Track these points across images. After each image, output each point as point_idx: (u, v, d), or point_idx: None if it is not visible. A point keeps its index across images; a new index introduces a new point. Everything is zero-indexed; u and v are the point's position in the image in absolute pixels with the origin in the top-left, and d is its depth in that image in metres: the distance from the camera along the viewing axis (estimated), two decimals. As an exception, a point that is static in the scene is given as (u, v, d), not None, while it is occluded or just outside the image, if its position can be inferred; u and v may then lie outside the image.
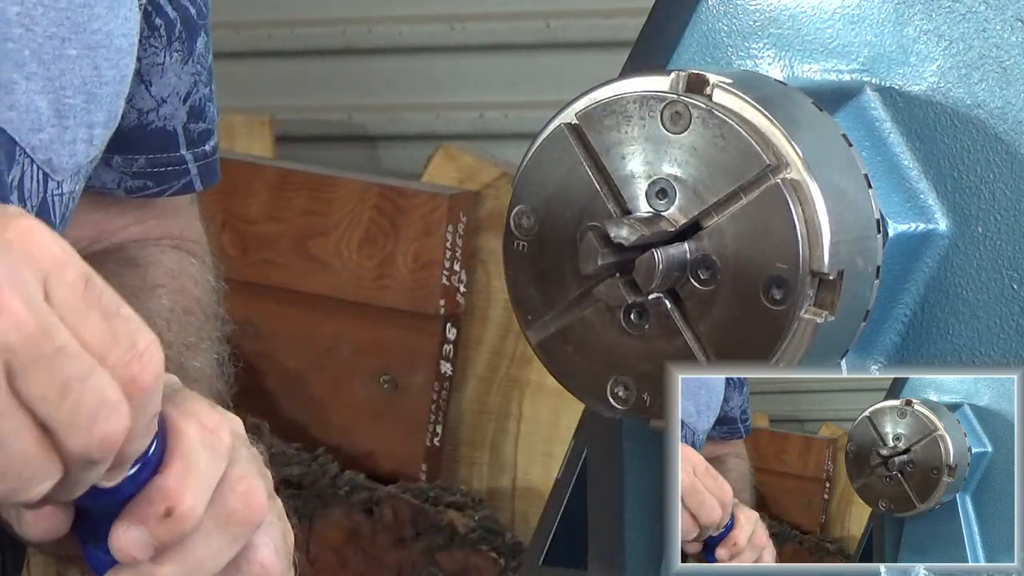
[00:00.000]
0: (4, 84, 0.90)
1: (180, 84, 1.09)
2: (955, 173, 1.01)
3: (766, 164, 0.87)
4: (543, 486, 2.74)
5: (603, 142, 0.91)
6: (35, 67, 0.92)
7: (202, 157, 1.13)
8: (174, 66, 1.08)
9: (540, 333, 0.94)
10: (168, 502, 0.74)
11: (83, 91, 0.95)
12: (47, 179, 0.95)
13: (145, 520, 0.74)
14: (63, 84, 0.94)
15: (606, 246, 0.89)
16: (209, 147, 1.14)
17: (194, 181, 1.13)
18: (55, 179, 0.95)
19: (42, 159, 0.94)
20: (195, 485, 0.75)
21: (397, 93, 3.34)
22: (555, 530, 1.37)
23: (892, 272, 0.98)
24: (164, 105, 1.09)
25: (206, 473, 0.76)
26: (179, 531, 0.75)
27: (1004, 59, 1.00)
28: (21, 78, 0.91)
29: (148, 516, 0.74)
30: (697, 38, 1.06)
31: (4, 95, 0.90)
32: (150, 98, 1.08)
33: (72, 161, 0.96)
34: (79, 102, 0.95)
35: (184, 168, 1.12)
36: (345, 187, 2.97)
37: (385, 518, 2.76)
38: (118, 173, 1.09)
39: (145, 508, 0.74)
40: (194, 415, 0.78)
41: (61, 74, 0.93)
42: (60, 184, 0.96)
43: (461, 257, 2.86)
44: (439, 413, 2.89)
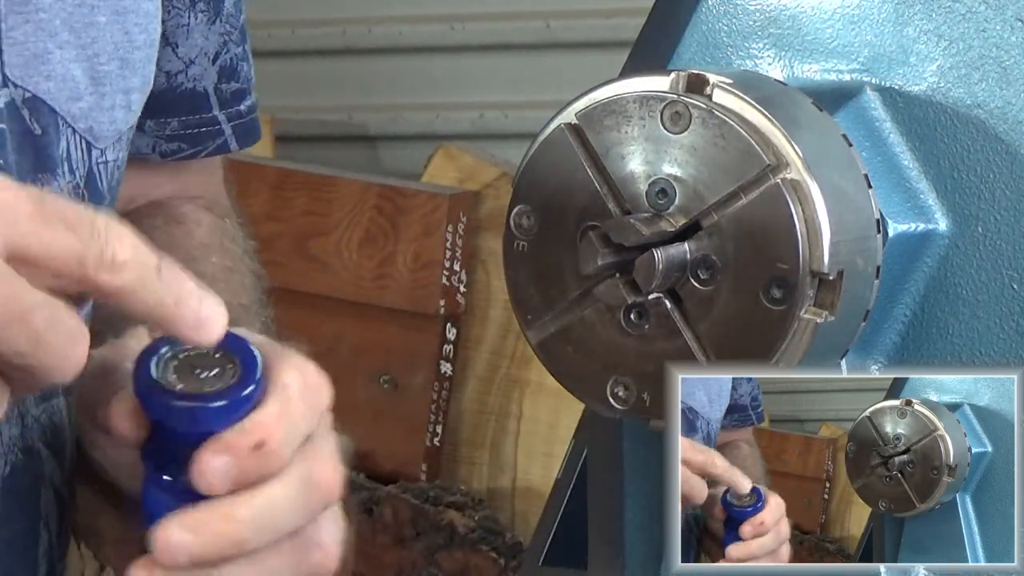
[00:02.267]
0: (39, 55, 0.90)
1: (208, 45, 1.09)
2: (955, 173, 1.01)
3: (766, 164, 0.87)
4: (543, 486, 2.74)
5: (603, 142, 0.91)
6: (67, 35, 0.91)
7: (236, 117, 1.13)
8: (200, 27, 1.08)
9: (540, 333, 0.94)
10: (261, 434, 0.73)
11: (116, 57, 0.95)
12: (90, 148, 0.95)
13: (235, 450, 0.73)
14: (96, 51, 0.94)
15: (606, 246, 0.89)
16: (244, 107, 1.14)
17: (229, 141, 1.13)
18: (98, 147, 0.95)
19: (83, 128, 0.93)
20: (289, 428, 0.75)
21: (397, 93, 3.34)
22: (555, 530, 1.37)
23: (892, 272, 0.98)
24: (192, 66, 1.08)
25: (300, 422, 0.76)
26: (266, 467, 0.74)
27: (1004, 59, 1.00)
28: (55, 47, 0.91)
29: (239, 446, 0.73)
30: (697, 38, 1.06)
31: (40, 65, 0.90)
32: (177, 60, 1.07)
33: (113, 128, 0.96)
34: (114, 68, 0.95)
35: (218, 129, 1.12)
36: (345, 187, 2.97)
37: (385, 518, 2.76)
38: (152, 137, 1.09)
39: (237, 438, 0.73)
40: (298, 368, 0.77)
41: (93, 41, 0.93)
42: (104, 152, 0.96)
43: (461, 257, 2.87)
44: (439, 413, 2.89)
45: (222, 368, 0.74)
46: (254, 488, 0.74)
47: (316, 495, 0.77)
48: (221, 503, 0.73)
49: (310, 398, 0.77)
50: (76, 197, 0.93)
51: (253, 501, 0.74)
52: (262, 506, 0.74)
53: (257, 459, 0.73)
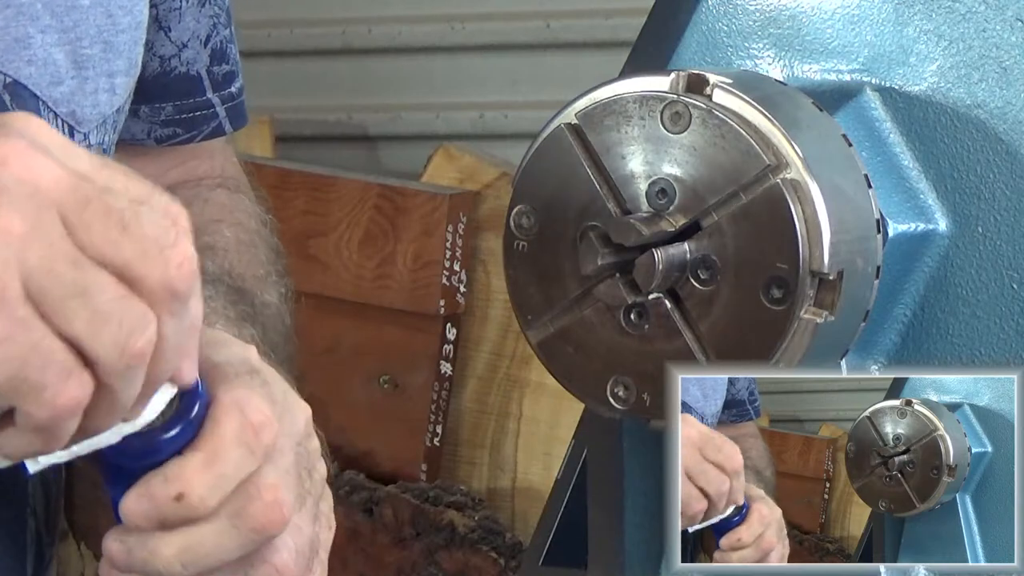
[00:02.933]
0: (20, 39, 0.90)
1: (199, 27, 1.09)
2: (955, 173, 1.01)
3: (766, 164, 0.87)
4: (543, 486, 2.74)
5: (603, 142, 0.91)
6: (48, 19, 0.91)
7: (229, 99, 1.13)
8: (191, 9, 1.08)
9: (540, 333, 0.94)
10: (180, 487, 0.74)
11: (99, 40, 0.95)
12: (72, 132, 0.94)
13: (155, 497, 0.74)
14: (79, 35, 0.93)
15: (606, 246, 0.89)
16: (235, 88, 1.14)
17: (223, 124, 1.13)
18: (80, 131, 0.95)
19: (65, 112, 0.93)
20: (213, 479, 0.75)
21: (397, 93, 3.34)
22: (555, 530, 1.37)
23: (892, 272, 0.98)
24: (185, 50, 1.08)
25: (231, 470, 0.76)
26: (185, 516, 0.75)
27: (1004, 59, 1.00)
28: (36, 31, 0.91)
29: (159, 494, 0.74)
30: (697, 38, 1.06)
31: (21, 50, 0.90)
32: (170, 44, 1.07)
33: (96, 112, 0.96)
34: (97, 52, 0.95)
35: (212, 112, 1.12)
36: (345, 187, 2.97)
37: (385, 518, 2.76)
38: (146, 123, 1.09)
39: (158, 486, 0.74)
40: (240, 408, 0.77)
41: (75, 25, 0.93)
42: (86, 136, 0.96)
43: (461, 257, 2.86)
44: (439, 413, 2.89)
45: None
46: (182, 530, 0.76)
47: (253, 533, 0.77)
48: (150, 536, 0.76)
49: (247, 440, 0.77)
50: None
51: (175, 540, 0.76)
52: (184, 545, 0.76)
53: (177, 508, 0.75)
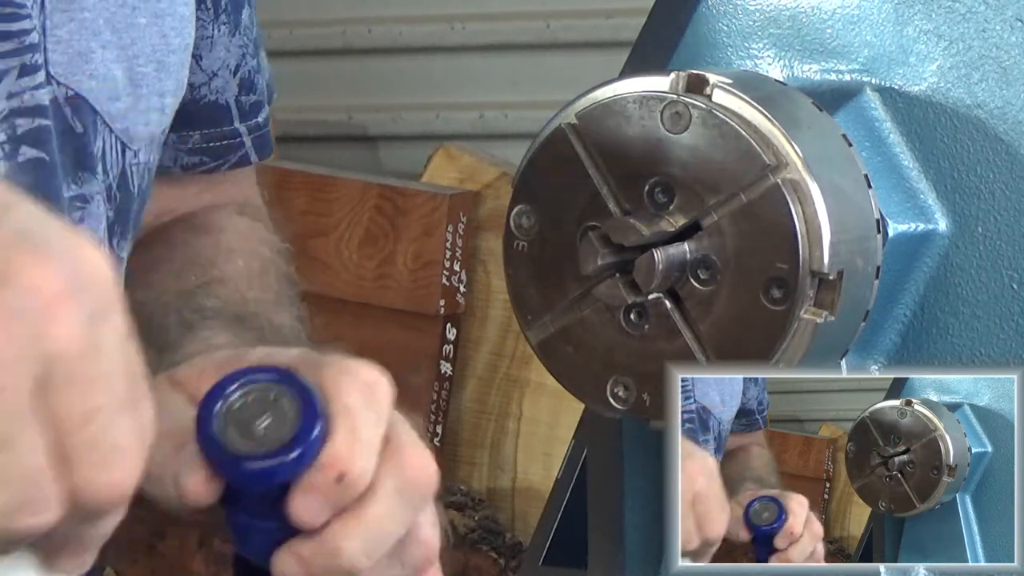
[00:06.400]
0: (83, 53, 0.90)
1: (229, 57, 1.09)
2: (955, 173, 1.01)
3: (766, 164, 0.87)
4: (543, 486, 2.74)
5: (603, 142, 0.91)
6: (109, 35, 0.92)
7: (255, 129, 1.13)
8: (222, 39, 1.08)
9: (540, 333, 0.94)
10: (339, 468, 0.74)
11: (153, 59, 0.96)
12: (125, 149, 0.95)
13: (319, 489, 0.74)
14: (135, 52, 0.94)
15: (606, 246, 0.89)
16: (261, 119, 1.14)
17: (249, 154, 1.13)
18: (132, 148, 0.96)
19: (120, 128, 0.94)
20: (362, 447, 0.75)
21: (397, 93, 3.34)
22: (555, 530, 1.37)
23: (892, 272, 0.98)
24: (215, 79, 1.09)
25: (372, 433, 0.76)
26: (354, 492, 0.75)
27: (1004, 59, 1.00)
28: (98, 47, 0.91)
29: (322, 485, 0.74)
30: (697, 38, 1.06)
31: (83, 64, 0.90)
32: (201, 72, 1.08)
33: (147, 130, 0.97)
34: (150, 70, 0.96)
35: (239, 141, 1.12)
36: (345, 187, 2.97)
37: (385, 518, 2.75)
38: (173, 151, 1.09)
39: (317, 477, 0.74)
40: (352, 376, 0.77)
41: (133, 42, 0.94)
42: (136, 154, 0.96)
43: (461, 257, 2.87)
44: (439, 413, 2.89)
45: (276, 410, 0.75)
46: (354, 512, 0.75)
47: (414, 495, 0.77)
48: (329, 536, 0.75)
49: (374, 401, 0.77)
50: (109, 197, 0.94)
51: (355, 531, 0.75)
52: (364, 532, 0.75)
53: (342, 490, 0.74)
